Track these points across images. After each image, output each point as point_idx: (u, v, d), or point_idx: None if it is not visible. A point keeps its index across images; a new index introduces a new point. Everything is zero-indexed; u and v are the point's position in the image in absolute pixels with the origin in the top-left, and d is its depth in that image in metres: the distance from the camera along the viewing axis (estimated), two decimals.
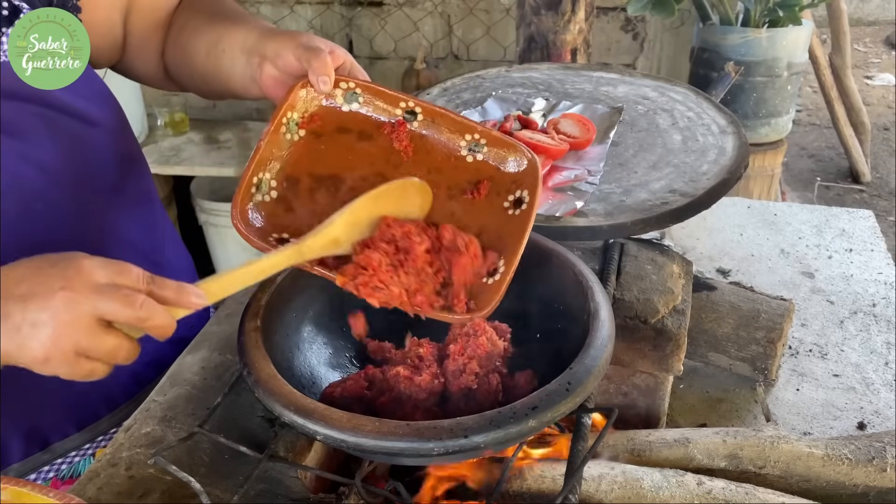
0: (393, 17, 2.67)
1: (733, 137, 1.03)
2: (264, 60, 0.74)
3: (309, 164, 0.72)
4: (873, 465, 0.76)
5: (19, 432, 0.81)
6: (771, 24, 2.28)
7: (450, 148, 0.73)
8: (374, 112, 0.73)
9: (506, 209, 0.71)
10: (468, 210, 0.72)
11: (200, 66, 0.83)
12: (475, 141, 0.73)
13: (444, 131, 0.73)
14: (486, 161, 0.73)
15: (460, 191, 0.72)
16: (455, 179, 0.73)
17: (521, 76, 1.27)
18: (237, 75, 0.77)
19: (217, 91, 0.85)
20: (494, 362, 0.68)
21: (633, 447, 0.80)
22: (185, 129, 2.65)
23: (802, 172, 3.56)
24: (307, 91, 0.71)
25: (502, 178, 0.72)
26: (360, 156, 0.73)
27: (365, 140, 0.73)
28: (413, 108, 0.73)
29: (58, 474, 0.85)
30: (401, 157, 0.73)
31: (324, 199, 0.71)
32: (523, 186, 0.71)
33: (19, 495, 0.53)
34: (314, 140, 0.72)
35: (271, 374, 0.60)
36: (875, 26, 5.42)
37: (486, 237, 0.69)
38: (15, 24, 0.74)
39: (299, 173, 0.71)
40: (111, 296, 0.56)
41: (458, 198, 0.72)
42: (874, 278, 1.26)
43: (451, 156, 0.73)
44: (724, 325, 0.98)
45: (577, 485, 0.63)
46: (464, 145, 0.73)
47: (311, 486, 0.72)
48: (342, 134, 0.73)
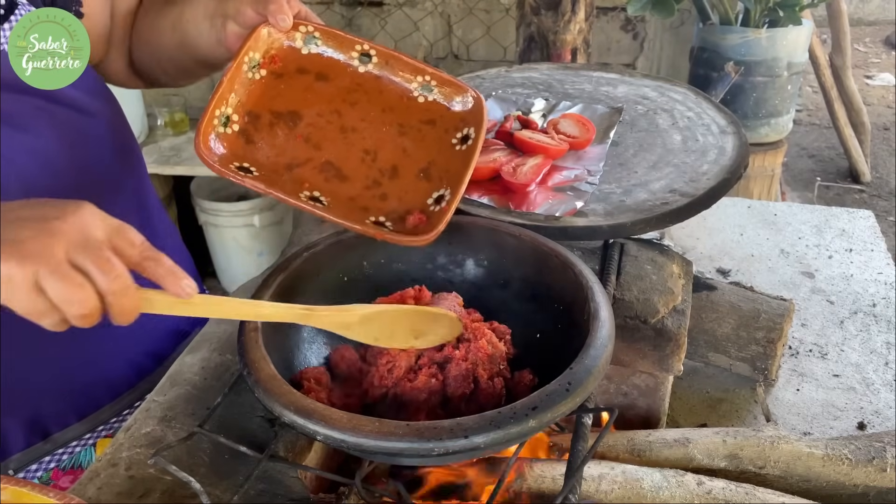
0: (393, 17, 2.67)
1: (733, 137, 1.03)
2: (227, 20, 0.78)
3: (269, 100, 0.77)
4: (873, 465, 0.76)
5: (20, 422, 0.81)
6: (771, 24, 2.28)
7: (402, 88, 0.79)
8: (332, 53, 0.79)
9: (453, 145, 0.78)
10: (418, 145, 0.78)
11: (167, 43, 0.86)
12: (426, 83, 0.79)
13: (398, 73, 0.79)
14: (437, 101, 0.79)
15: (412, 128, 0.78)
16: (407, 118, 0.79)
17: (521, 76, 1.27)
18: (203, 41, 0.81)
19: (183, 66, 0.89)
20: (498, 365, 0.68)
21: (633, 447, 0.80)
22: (185, 129, 2.65)
23: (802, 172, 3.56)
24: (268, 31, 0.76)
25: (451, 117, 0.79)
26: (318, 94, 0.78)
27: (322, 81, 0.79)
28: (368, 51, 0.79)
29: (59, 464, 0.85)
30: (363, 92, 0.79)
31: (283, 133, 0.76)
32: (470, 124, 0.78)
33: (19, 495, 0.53)
34: (274, 79, 0.77)
35: (271, 374, 0.60)
36: (875, 26, 5.42)
37: (435, 170, 0.76)
38: (14, 22, 0.74)
39: (260, 109, 0.76)
40: (93, 252, 0.54)
41: (409, 134, 0.78)
42: (874, 278, 1.26)
43: (403, 96, 0.79)
44: (724, 325, 0.98)
45: (577, 485, 0.63)
46: (415, 87, 0.79)
47: (311, 486, 0.72)
48: (301, 74, 0.78)
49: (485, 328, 0.70)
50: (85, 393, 0.86)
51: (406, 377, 0.66)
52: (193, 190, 2.61)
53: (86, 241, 0.54)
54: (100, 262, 0.54)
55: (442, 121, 0.79)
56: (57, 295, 0.53)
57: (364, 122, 0.78)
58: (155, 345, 0.92)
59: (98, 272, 0.54)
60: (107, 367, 0.87)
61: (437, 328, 0.69)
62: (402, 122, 0.79)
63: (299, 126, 0.77)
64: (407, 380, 0.66)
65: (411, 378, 0.66)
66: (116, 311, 0.56)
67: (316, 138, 0.77)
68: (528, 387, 0.67)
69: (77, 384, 0.84)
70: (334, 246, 0.75)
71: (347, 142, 0.78)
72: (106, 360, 0.86)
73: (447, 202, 0.72)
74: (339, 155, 0.77)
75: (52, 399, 0.83)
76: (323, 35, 0.79)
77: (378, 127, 0.78)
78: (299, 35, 0.78)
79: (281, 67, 0.78)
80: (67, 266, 0.53)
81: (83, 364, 0.84)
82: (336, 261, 0.75)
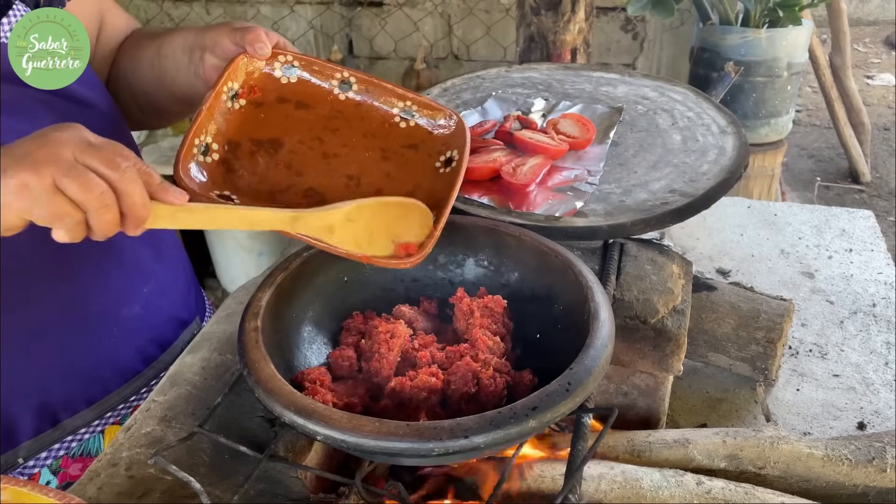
0: (393, 18, 2.67)
1: (733, 137, 1.03)
2: (205, 52, 0.80)
3: (249, 129, 0.77)
4: (873, 465, 0.76)
5: (29, 410, 0.82)
6: (771, 24, 2.28)
7: (384, 114, 0.80)
8: (311, 81, 0.80)
9: (437, 168, 0.78)
10: (402, 170, 0.78)
11: (144, 78, 0.89)
12: (407, 108, 0.80)
13: (379, 99, 0.80)
14: (418, 125, 0.80)
15: (394, 153, 0.79)
16: (389, 143, 0.79)
17: (521, 76, 1.27)
18: (181, 75, 0.84)
19: (159, 104, 0.91)
20: (501, 364, 0.68)
21: (633, 448, 0.80)
22: (185, 129, 2.65)
23: (802, 172, 3.56)
24: (247, 61, 0.77)
25: (433, 141, 0.79)
26: (298, 122, 0.79)
27: (302, 109, 0.79)
28: (348, 79, 0.80)
29: (68, 452, 0.86)
30: (344, 119, 0.79)
31: (264, 161, 0.76)
32: (452, 146, 0.79)
33: (19, 495, 0.53)
34: (254, 108, 0.78)
35: (271, 374, 0.60)
36: (875, 26, 5.42)
37: (420, 193, 0.75)
38: (13, 18, 0.75)
39: (240, 138, 0.76)
40: (98, 153, 0.57)
41: (393, 159, 0.79)
42: (874, 278, 1.26)
43: (385, 122, 0.80)
44: (724, 325, 0.98)
45: (577, 485, 0.63)
46: (396, 112, 0.80)
47: (311, 486, 0.72)
48: (281, 103, 0.79)
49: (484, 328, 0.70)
50: (93, 378, 0.87)
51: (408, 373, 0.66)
52: None
53: (89, 145, 0.57)
54: (107, 161, 0.57)
55: (424, 145, 0.79)
56: (76, 190, 0.56)
57: (346, 148, 0.79)
58: (158, 332, 0.94)
59: (107, 169, 0.57)
60: (114, 352, 0.88)
61: (412, 226, 0.70)
62: (385, 147, 0.79)
63: (280, 153, 0.77)
64: (408, 378, 0.66)
65: (412, 376, 0.66)
66: (129, 206, 0.58)
67: (298, 165, 0.77)
68: (528, 387, 0.67)
69: (85, 369, 0.86)
70: None
71: (330, 168, 0.77)
72: (113, 346, 0.88)
73: (433, 225, 0.71)
74: (322, 181, 0.76)
75: (61, 385, 0.84)
76: (301, 63, 0.79)
77: (361, 153, 0.78)
78: (278, 64, 0.78)
79: (260, 97, 0.78)
80: (80, 165, 0.56)
81: (90, 349, 0.86)
82: (336, 261, 0.75)
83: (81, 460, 0.87)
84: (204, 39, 0.80)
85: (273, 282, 0.70)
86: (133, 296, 0.88)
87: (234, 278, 2.69)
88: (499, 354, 0.69)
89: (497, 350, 0.69)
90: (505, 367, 0.68)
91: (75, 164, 0.56)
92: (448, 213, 0.72)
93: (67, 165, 0.56)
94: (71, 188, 0.56)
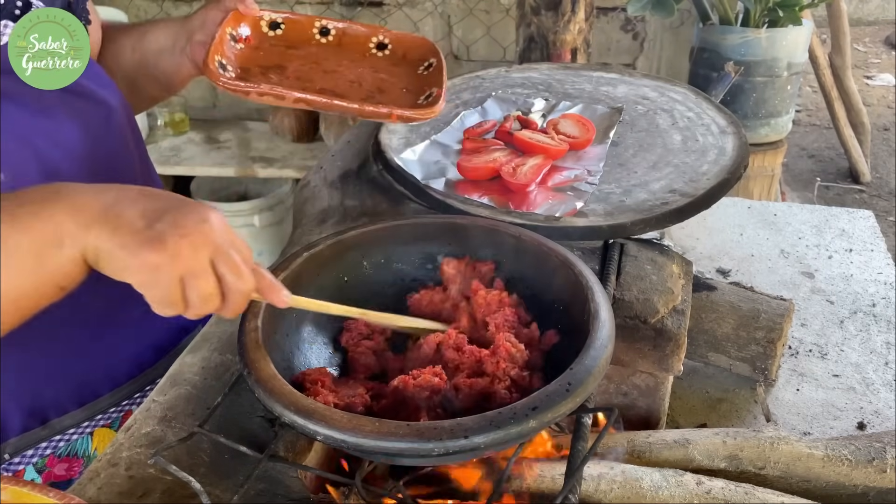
0: (393, 17, 2.66)
1: (733, 137, 1.03)
2: (193, 33, 0.87)
3: (254, 62, 0.88)
4: (873, 465, 0.76)
5: (19, 407, 0.82)
6: (771, 24, 2.28)
7: (364, 48, 0.94)
8: (295, 32, 0.92)
9: (421, 73, 0.92)
10: (393, 76, 0.91)
11: (125, 63, 0.92)
12: (381, 41, 0.94)
13: (356, 38, 0.93)
14: (395, 53, 0.94)
15: (382, 69, 0.92)
16: (375, 63, 0.93)
17: (521, 76, 1.27)
18: (164, 58, 0.89)
19: (136, 88, 0.94)
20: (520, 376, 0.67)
21: (633, 448, 0.80)
22: (185, 129, 2.65)
23: (802, 172, 3.56)
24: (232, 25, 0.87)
25: (412, 57, 0.93)
26: (294, 56, 0.91)
27: (293, 48, 0.91)
28: (326, 26, 0.93)
29: (55, 451, 0.86)
30: (329, 52, 0.92)
31: (276, 77, 0.86)
32: (429, 57, 0.93)
33: (19, 495, 0.53)
34: (252, 51, 0.89)
35: (271, 374, 0.60)
36: (875, 26, 5.42)
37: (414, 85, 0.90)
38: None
39: (249, 65, 0.87)
40: (229, 259, 0.58)
41: (382, 71, 0.92)
42: (874, 278, 1.26)
43: (365, 52, 0.93)
44: (724, 325, 0.98)
45: (576, 485, 0.63)
46: (372, 45, 0.94)
47: (311, 486, 0.72)
48: (274, 47, 0.91)
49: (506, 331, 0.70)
50: (85, 382, 0.87)
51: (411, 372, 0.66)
52: (193, 190, 2.61)
53: (223, 248, 0.58)
54: (233, 267, 0.58)
55: (404, 62, 0.93)
56: (196, 296, 0.57)
57: (341, 66, 0.91)
58: (160, 339, 0.93)
59: (232, 276, 0.58)
60: (109, 359, 0.88)
61: None
62: (373, 65, 0.92)
63: (287, 72, 0.88)
64: (412, 377, 0.65)
65: (416, 375, 0.65)
66: (232, 307, 0.60)
67: (306, 77, 0.88)
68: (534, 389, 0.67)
69: (78, 373, 0.85)
70: (334, 246, 0.75)
71: (334, 77, 0.89)
72: (108, 353, 0.87)
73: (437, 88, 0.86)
74: (330, 84, 0.88)
75: (52, 385, 0.84)
76: (283, 19, 0.91)
77: (354, 68, 0.91)
78: (264, 22, 0.90)
79: (255, 44, 0.89)
80: (210, 272, 0.57)
81: (85, 355, 0.85)
82: (336, 261, 0.76)
83: (67, 460, 0.87)
84: (191, 22, 0.87)
85: None
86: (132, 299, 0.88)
87: None
88: (521, 364, 0.67)
89: (519, 358, 0.67)
90: (523, 380, 0.66)
91: (208, 270, 0.57)
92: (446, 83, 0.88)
93: (201, 269, 0.57)
94: (194, 291, 0.57)
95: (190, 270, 0.56)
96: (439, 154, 1.04)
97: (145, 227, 0.56)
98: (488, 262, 0.77)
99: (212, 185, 2.65)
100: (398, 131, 1.10)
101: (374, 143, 1.06)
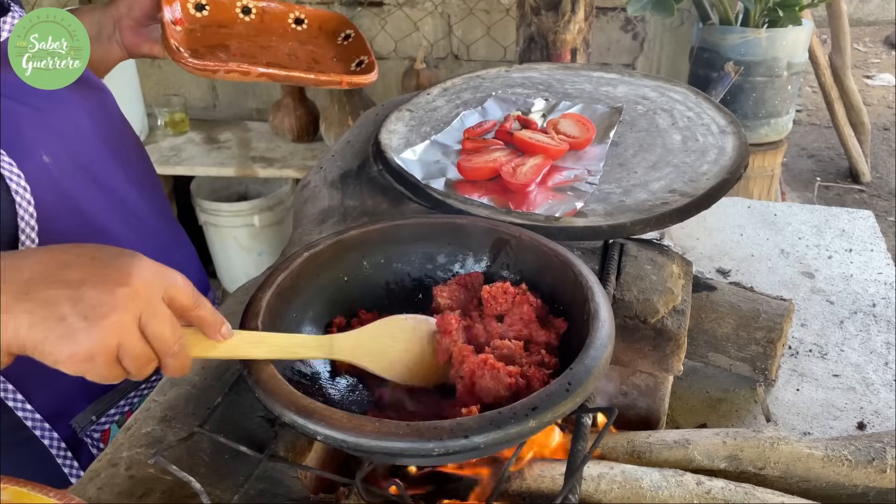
0: (393, 17, 2.66)
1: (733, 137, 1.03)
2: (120, 20, 0.90)
3: (197, 42, 0.94)
4: (873, 465, 0.76)
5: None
6: (771, 24, 2.28)
7: (284, 24, 1.03)
8: (219, 13, 0.99)
9: (341, 43, 1.02)
10: (319, 48, 1.01)
11: None
12: (298, 17, 1.03)
13: (275, 17, 1.02)
14: (311, 26, 1.04)
15: (308, 41, 1.02)
16: (299, 36, 1.02)
17: (521, 76, 1.27)
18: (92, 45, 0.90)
19: None
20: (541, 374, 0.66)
21: (633, 449, 0.80)
22: (185, 129, 2.65)
23: (802, 172, 3.56)
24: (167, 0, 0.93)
25: (328, 31, 1.04)
26: (227, 35, 0.98)
27: (224, 28, 0.99)
28: (247, 5, 1.01)
29: (132, 407, 0.90)
30: (256, 30, 1.01)
31: (224, 56, 0.93)
32: (345, 28, 1.04)
33: (19, 495, 0.53)
34: (189, 33, 0.96)
35: (271, 374, 0.60)
36: (875, 26, 5.42)
37: (342, 54, 1.00)
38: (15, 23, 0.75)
39: (195, 46, 0.94)
40: (160, 321, 0.56)
41: (309, 44, 1.02)
42: (874, 278, 1.26)
43: (286, 29, 1.03)
44: (724, 325, 0.98)
45: (576, 485, 0.63)
46: (290, 21, 1.03)
47: (311, 486, 0.72)
48: (206, 28, 0.98)
49: None
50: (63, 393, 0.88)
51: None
52: (193, 190, 2.61)
53: (152, 309, 0.56)
54: (169, 326, 0.56)
55: (322, 34, 1.03)
56: (132, 367, 0.56)
57: (272, 42, 0.99)
58: None
59: (162, 343, 0.56)
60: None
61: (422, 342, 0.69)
62: (298, 38, 1.01)
63: (232, 49, 0.95)
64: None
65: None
66: (170, 368, 0.58)
67: (250, 54, 0.95)
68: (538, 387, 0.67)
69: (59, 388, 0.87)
70: (334, 246, 0.75)
71: (272, 52, 0.97)
72: None
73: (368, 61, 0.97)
74: (272, 59, 0.95)
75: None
76: (208, 1, 0.98)
77: (284, 43, 1.00)
78: (190, 4, 0.97)
79: (189, 26, 0.96)
80: (142, 340, 0.55)
81: None
82: (336, 261, 0.76)
83: None
84: (115, 8, 0.91)
85: (273, 282, 0.70)
86: None
87: (234, 278, 2.69)
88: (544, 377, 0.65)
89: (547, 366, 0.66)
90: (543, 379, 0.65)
91: (139, 341, 0.55)
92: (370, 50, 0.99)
93: (133, 342, 0.55)
94: (130, 364, 0.56)
95: (121, 346, 0.54)
96: (439, 154, 1.04)
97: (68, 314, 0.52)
98: (475, 273, 0.76)
99: (212, 185, 2.65)
100: (398, 131, 1.10)
101: (374, 143, 1.06)
